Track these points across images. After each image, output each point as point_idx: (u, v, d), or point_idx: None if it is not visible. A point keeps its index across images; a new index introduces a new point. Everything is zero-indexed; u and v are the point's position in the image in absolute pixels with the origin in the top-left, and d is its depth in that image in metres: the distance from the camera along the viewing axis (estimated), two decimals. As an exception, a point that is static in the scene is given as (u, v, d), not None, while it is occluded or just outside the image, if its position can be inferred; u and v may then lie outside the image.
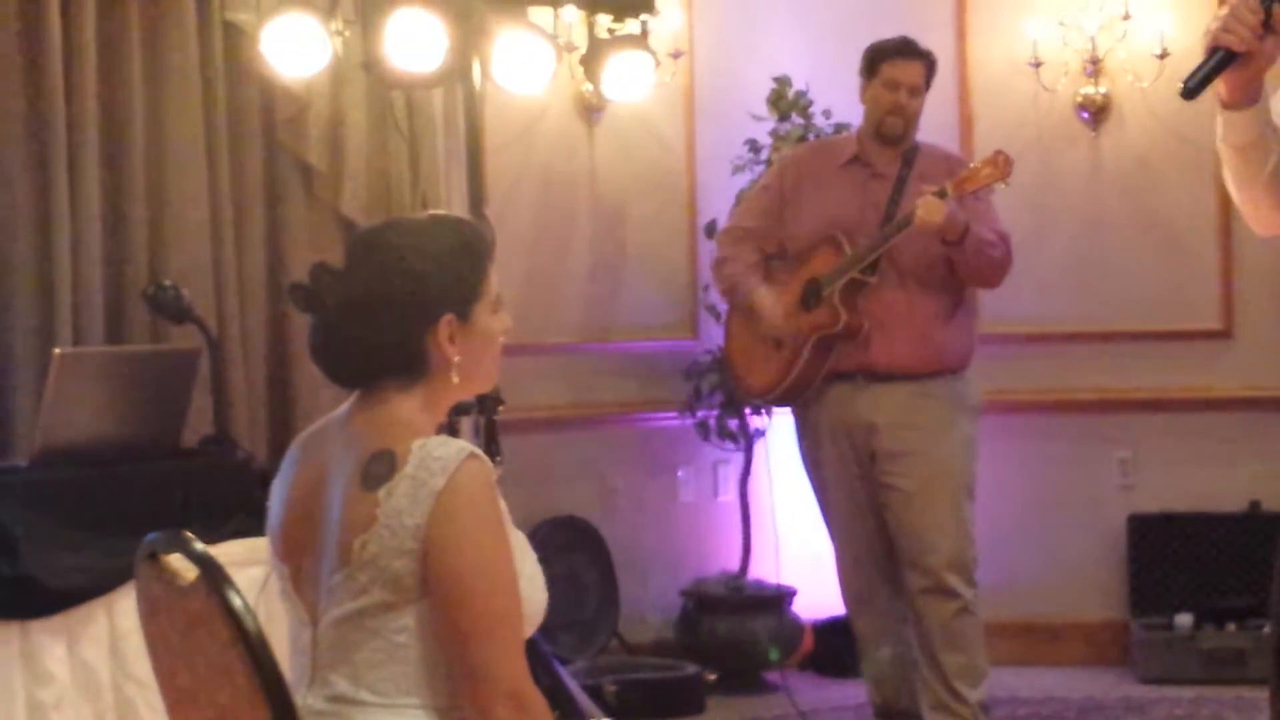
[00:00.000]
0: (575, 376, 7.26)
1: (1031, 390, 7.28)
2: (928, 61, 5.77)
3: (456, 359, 2.87)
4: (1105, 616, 7.26)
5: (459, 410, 5.32)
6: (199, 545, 2.72)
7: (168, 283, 5.30)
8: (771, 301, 5.76)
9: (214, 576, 2.65)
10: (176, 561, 2.78)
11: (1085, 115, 7.31)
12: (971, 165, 5.58)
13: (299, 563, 2.87)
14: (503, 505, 2.80)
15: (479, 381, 2.97)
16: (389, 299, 2.84)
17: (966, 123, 7.35)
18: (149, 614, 2.89)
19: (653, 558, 7.31)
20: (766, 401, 6.14)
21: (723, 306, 6.31)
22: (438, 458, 2.74)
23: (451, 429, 5.26)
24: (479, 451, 2.77)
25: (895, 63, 5.74)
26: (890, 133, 5.76)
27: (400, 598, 2.74)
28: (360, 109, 6.35)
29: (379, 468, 2.76)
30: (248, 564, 4.09)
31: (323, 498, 2.84)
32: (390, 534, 2.72)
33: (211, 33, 6.06)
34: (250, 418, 6.08)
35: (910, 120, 5.76)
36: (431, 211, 3.71)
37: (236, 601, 2.62)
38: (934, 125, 6.18)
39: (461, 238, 2.95)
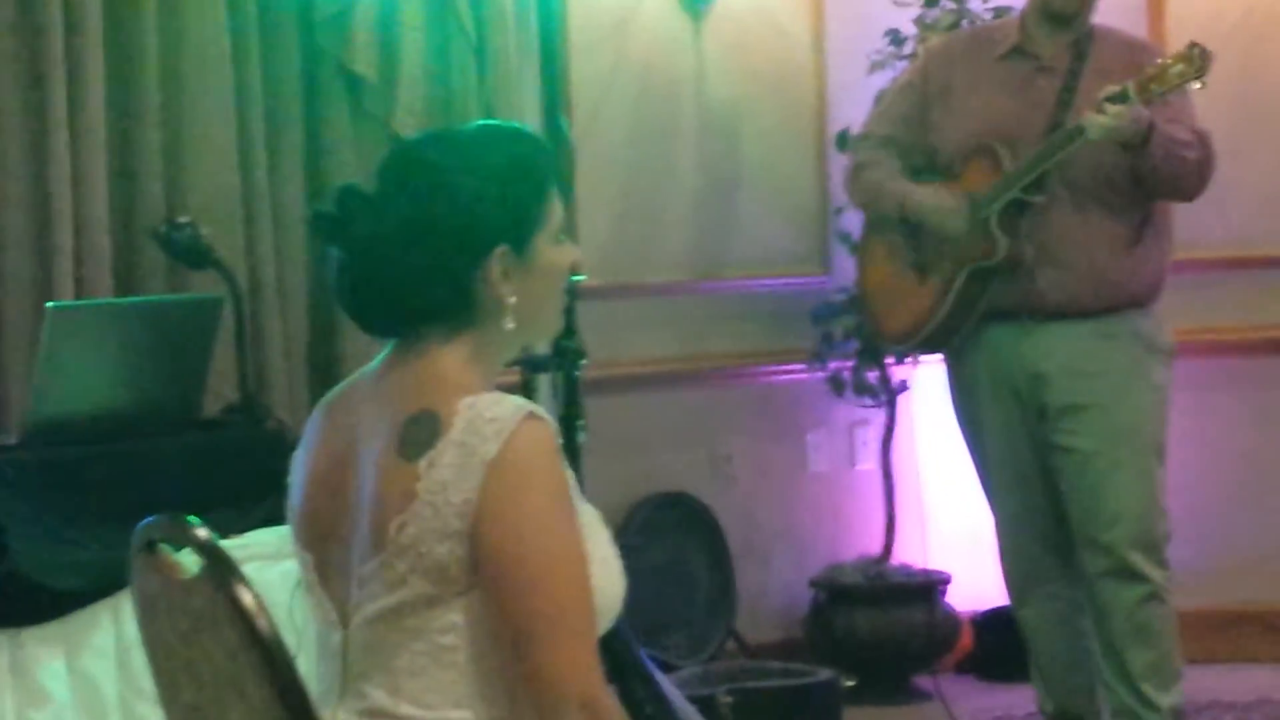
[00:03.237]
0: (680, 323, 7.25)
1: (1235, 327, 7.24)
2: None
3: (511, 300, 2.86)
4: (1331, 604, 7.21)
5: (535, 366, 5.33)
6: (203, 531, 2.74)
7: (184, 219, 5.33)
8: (939, 197, 5.67)
9: (219, 568, 2.67)
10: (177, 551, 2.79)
11: (1301, -6, 7.22)
12: (1159, 60, 5.50)
13: (325, 551, 2.89)
14: (570, 475, 2.80)
15: (540, 327, 2.99)
16: (429, 228, 2.83)
17: (1156, 5, 7.25)
18: (147, 615, 2.92)
19: (777, 541, 7.30)
20: (911, 348, 6.13)
21: (857, 234, 6.26)
22: (490, 419, 2.75)
23: (526, 388, 5.25)
24: (539, 410, 2.78)
25: (1076, -78, 5.68)
26: (1062, 9, 5.67)
27: (445, 590, 2.75)
28: (416, 4, 6.34)
29: (419, 433, 2.77)
30: (282, 556, 4.07)
31: (352, 471, 2.86)
32: (433, 512, 2.73)
33: (234, -88, 6.08)
34: (288, 380, 6.08)
35: (1087, -4, 5.69)
36: (482, 121, 3.71)
37: (247, 598, 2.64)
38: (1117, 8, 6.10)
39: (517, 153, 2.95)
